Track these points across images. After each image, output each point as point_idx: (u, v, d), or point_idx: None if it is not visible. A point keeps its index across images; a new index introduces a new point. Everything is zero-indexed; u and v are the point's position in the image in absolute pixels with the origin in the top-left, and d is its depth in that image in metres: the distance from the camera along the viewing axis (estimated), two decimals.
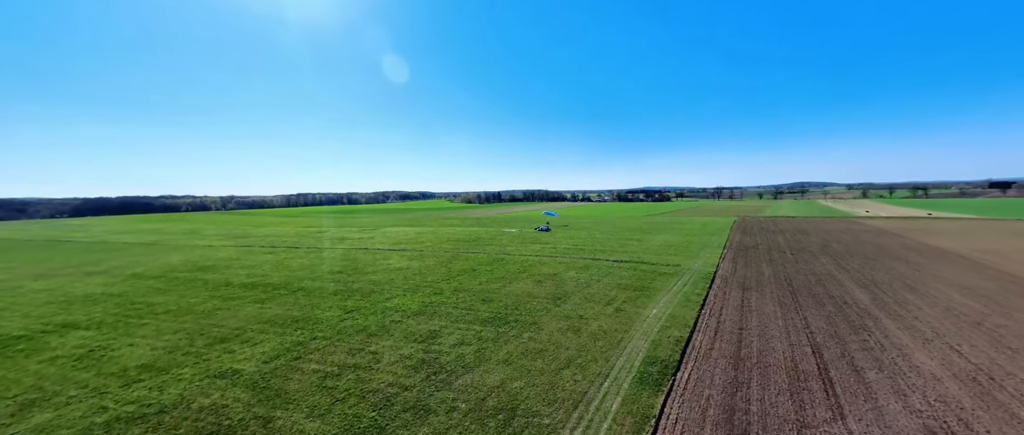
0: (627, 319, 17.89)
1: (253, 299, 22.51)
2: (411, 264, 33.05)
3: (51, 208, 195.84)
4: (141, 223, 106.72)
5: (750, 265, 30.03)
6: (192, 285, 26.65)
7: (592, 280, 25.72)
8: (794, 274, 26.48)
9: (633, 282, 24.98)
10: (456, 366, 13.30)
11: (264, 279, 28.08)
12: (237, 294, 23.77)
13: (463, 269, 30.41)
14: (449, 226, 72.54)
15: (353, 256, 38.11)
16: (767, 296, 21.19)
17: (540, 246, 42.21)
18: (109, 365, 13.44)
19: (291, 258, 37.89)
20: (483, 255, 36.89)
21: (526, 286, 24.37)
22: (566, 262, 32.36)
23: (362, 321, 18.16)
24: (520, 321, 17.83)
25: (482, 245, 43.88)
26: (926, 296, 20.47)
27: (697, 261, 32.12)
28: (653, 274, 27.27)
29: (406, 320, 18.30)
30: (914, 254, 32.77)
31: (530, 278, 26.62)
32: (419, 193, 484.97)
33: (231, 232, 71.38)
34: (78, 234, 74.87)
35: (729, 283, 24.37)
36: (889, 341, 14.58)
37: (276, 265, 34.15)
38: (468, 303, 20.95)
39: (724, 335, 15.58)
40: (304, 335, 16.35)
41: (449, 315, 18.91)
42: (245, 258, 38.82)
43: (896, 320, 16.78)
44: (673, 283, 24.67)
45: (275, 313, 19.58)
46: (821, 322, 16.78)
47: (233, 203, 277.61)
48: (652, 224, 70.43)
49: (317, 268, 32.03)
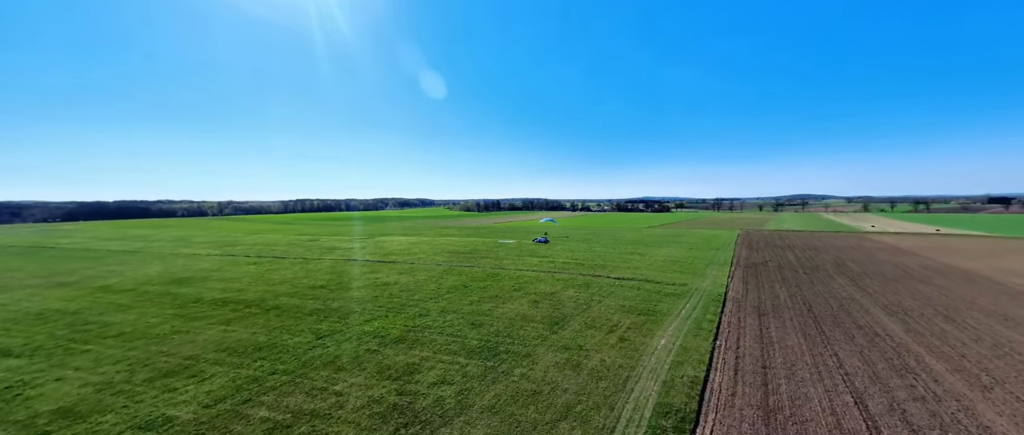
0: (633, 351, 15.80)
1: (220, 319, 20.41)
2: (400, 279, 30.97)
3: (46, 212, 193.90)
4: (131, 229, 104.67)
5: (763, 286, 27.96)
6: (159, 301, 24.56)
7: (593, 301, 23.65)
8: (813, 297, 24.40)
9: (637, 304, 22.90)
10: (433, 414, 11.20)
11: (239, 295, 25.99)
12: (205, 313, 21.67)
13: (454, 286, 28.33)
14: (445, 236, 70.53)
15: (340, 268, 36.04)
16: (788, 324, 19.10)
17: (537, 260, 40.16)
18: (18, 410, 11.32)
19: (274, 270, 35.81)
20: (477, 270, 34.82)
21: (521, 307, 22.28)
22: (565, 279, 30.29)
23: (333, 350, 16.06)
24: (512, 352, 15.74)
25: (477, 258, 41.83)
26: (966, 327, 18.38)
27: (705, 280, 30.05)
28: (659, 295, 25.19)
29: (384, 349, 16.21)
30: (938, 276, 30.71)
31: (525, 298, 24.54)
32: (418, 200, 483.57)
33: (221, 240, 69.33)
34: (63, 240, 72.77)
35: (743, 307, 22.29)
36: (942, 388, 12.48)
37: (257, 278, 32.07)
38: (456, 327, 18.87)
39: (746, 376, 13.48)
40: (263, 368, 14.25)
41: (433, 343, 16.82)
42: (227, 269, 36.74)
43: (942, 359, 14.69)
44: (681, 306, 22.60)
45: (238, 338, 17.48)
46: (855, 360, 14.69)
47: (230, 208, 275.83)
48: (654, 236, 68.43)
49: (299, 282, 29.94)
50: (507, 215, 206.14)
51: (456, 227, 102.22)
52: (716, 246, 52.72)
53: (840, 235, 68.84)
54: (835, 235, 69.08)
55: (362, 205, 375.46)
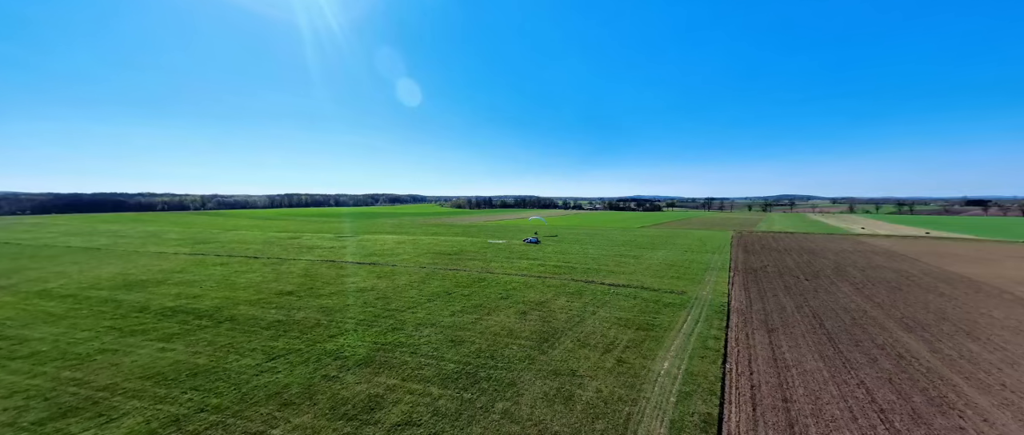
0: (633, 378, 13.75)
1: (161, 334, 17.78)
2: (377, 284, 28.52)
3: (16, 204, 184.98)
4: (103, 223, 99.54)
5: (766, 295, 26.25)
6: (98, 310, 21.74)
7: (586, 312, 21.58)
8: (821, 309, 22.72)
9: (635, 316, 20.90)
10: None
11: (193, 302, 23.28)
12: (145, 326, 18.99)
13: (436, 292, 26.02)
14: (433, 235, 67.95)
15: (315, 271, 33.40)
16: (801, 343, 17.27)
17: (528, 263, 38.01)
18: None
19: (242, 272, 32.99)
20: (463, 274, 32.53)
21: (507, 319, 20.10)
22: (556, 285, 28.19)
23: (284, 377, 13.66)
24: (494, 379, 13.56)
25: (464, 260, 39.51)
26: (994, 347, 16.78)
27: (704, 287, 28.26)
28: (657, 305, 23.25)
29: (344, 374, 13.87)
30: (944, 284, 29.42)
31: (513, 307, 22.36)
32: (409, 196, 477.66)
33: (195, 236, 65.67)
34: (24, 236, 68.21)
35: (749, 321, 20.45)
36: (995, 430, 10.67)
37: (220, 281, 29.28)
38: (432, 345, 16.60)
39: (767, 413, 11.52)
40: (191, 404, 11.80)
41: (403, 366, 14.53)
42: (190, 271, 33.79)
43: (983, 391, 12.94)
44: (682, 318, 20.67)
45: (174, 360, 14.94)
46: (887, 391, 12.85)
47: (213, 203, 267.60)
48: (647, 237, 66.90)
49: (266, 287, 27.28)
50: (499, 213, 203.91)
51: (445, 225, 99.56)
52: (712, 249, 51.27)
53: (833, 238, 68.26)
54: (829, 238, 68.47)
55: (352, 201, 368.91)
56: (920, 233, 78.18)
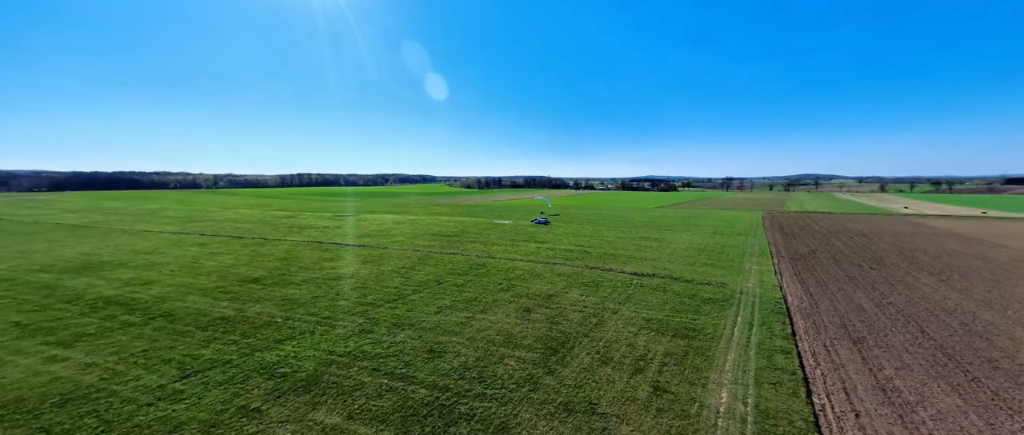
0: (682, 420, 9.37)
1: (67, 335, 14.14)
2: (360, 270, 24.59)
3: (34, 181, 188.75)
4: (109, 201, 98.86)
5: (827, 288, 21.31)
6: (24, 299, 18.34)
7: (605, 312, 17.15)
8: (910, 309, 17.74)
9: (669, 317, 16.38)
10: None
11: (138, 291, 19.71)
12: (59, 322, 15.42)
13: (425, 280, 21.93)
14: (435, 215, 63.94)
15: (296, 254, 29.71)
16: (910, 362, 12.53)
17: (535, 246, 33.58)
18: None
19: (216, 254, 29.54)
20: (461, 258, 28.35)
21: (505, 320, 15.85)
22: (567, 273, 23.76)
23: (185, 408, 9.74)
24: (478, 418, 9.38)
25: (465, 242, 35.32)
26: None
27: (747, 277, 23.44)
28: (694, 300, 18.64)
29: (270, 406, 9.89)
30: None
31: (514, 302, 18.08)
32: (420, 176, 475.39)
33: (190, 215, 63.26)
34: (25, 212, 67.01)
35: (821, 326, 15.71)
36: None
37: (185, 265, 25.82)
38: (403, 357, 12.51)
39: None
40: None
41: (354, 393, 10.47)
42: (162, 251, 30.55)
43: None
44: (730, 320, 16.08)
45: (53, 377, 11.19)
46: None
47: (225, 182, 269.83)
48: (667, 218, 61.49)
49: (232, 272, 23.62)
50: (507, 193, 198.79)
51: (451, 205, 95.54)
52: (742, 230, 45.85)
53: (881, 218, 61.48)
54: (875, 218, 61.73)
55: (362, 181, 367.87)
56: (975, 213, 70.47)
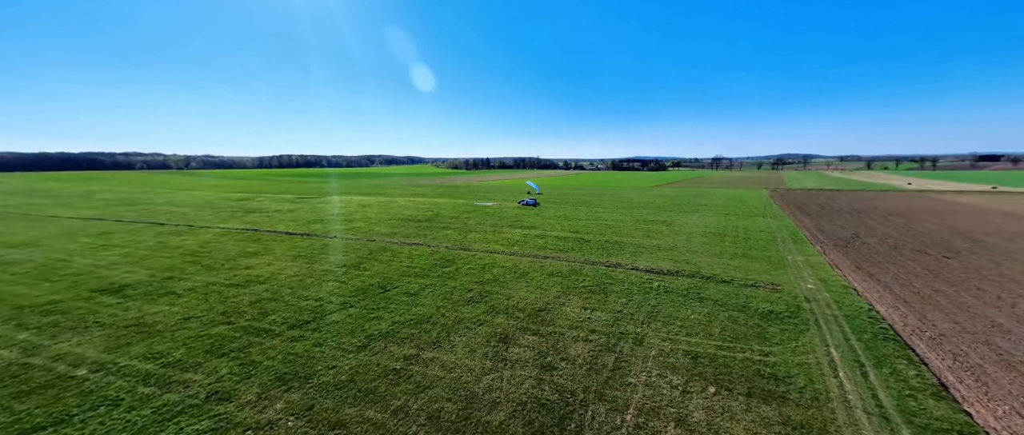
0: None
1: None
2: (284, 269, 18.16)
3: None
4: (49, 182, 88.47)
5: (914, 288, 15.85)
6: None
7: (624, 341, 11.25)
8: None
9: (725, 352, 10.60)
10: None
11: None
12: None
13: (366, 286, 15.67)
14: (410, 196, 57.07)
15: (214, 247, 23.01)
16: None
17: (521, 233, 27.47)
18: None
19: (107, 246, 22.67)
20: (425, 250, 22.10)
21: (469, 361, 9.83)
22: (562, 272, 17.75)
23: None
24: None
25: (436, 228, 28.96)
26: None
27: (798, 273, 17.86)
28: (750, 317, 12.88)
29: None
30: None
31: (486, 324, 12.04)
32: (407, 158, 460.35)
33: (128, 197, 55.07)
34: None
35: (967, 364, 10.15)
36: None
37: (48, 263, 18.95)
38: None
39: None
40: None
41: None
42: (44, 243, 23.48)
43: None
44: (819, 355, 10.40)
45: None
46: None
47: (197, 162, 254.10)
48: (667, 198, 56.02)
49: (100, 274, 16.89)
50: (495, 173, 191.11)
51: (431, 186, 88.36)
52: (755, 210, 40.56)
53: (899, 196, 57.08)
54: (893, 196, 57.34)
55: (346, 162, 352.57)
56: (985, 188, 67.02)
